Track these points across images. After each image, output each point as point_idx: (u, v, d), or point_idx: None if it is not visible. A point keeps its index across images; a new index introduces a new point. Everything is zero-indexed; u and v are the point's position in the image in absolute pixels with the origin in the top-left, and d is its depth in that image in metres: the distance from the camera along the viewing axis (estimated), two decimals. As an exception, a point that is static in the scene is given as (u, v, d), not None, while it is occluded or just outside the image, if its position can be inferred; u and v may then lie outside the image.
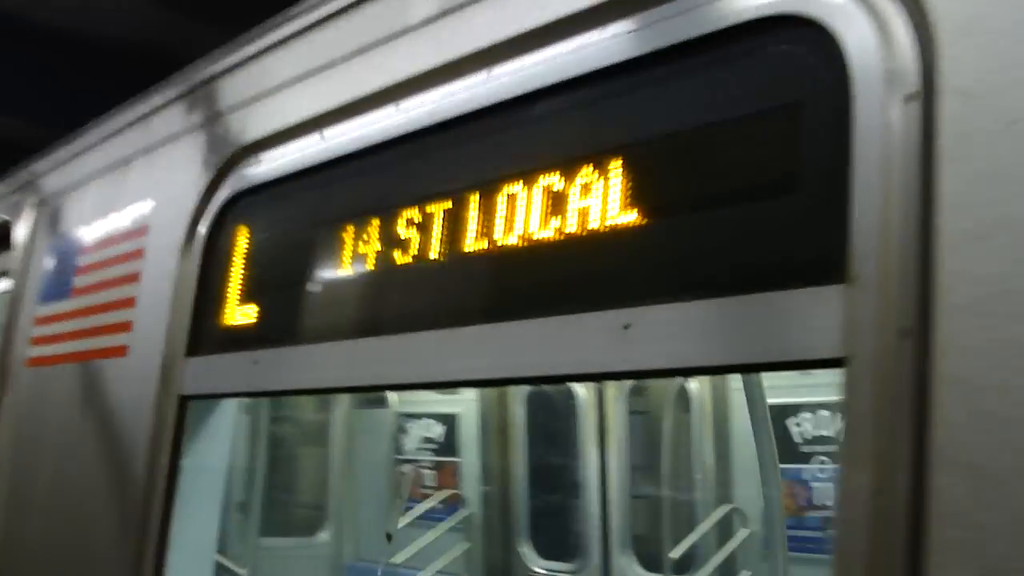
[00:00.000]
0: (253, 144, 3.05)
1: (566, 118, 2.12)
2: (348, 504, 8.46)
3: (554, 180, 2.05)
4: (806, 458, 6.42)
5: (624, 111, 2.01)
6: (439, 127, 2.44)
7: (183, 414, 3.05)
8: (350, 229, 2.61)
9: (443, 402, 8.30)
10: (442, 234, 2.32)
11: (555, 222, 2.04)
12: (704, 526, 6.52)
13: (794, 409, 6.51)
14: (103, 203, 3.77)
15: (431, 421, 8.42)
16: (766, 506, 4.67)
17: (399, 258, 2.42)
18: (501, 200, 2.16)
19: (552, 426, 7.97)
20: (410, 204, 2.44)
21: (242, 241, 3.00)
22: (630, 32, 1.99)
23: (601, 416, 7.61)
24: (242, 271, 2.95)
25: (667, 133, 1.91)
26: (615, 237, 1.95)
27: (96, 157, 3.91)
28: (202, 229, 3.16)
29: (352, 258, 2.58)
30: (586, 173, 1.99)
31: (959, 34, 1.55)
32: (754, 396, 4.76)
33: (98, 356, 3.52)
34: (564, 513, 7.80)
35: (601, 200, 1.97)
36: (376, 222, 2.54)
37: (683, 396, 6.97)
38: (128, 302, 3.40)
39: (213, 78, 3.26)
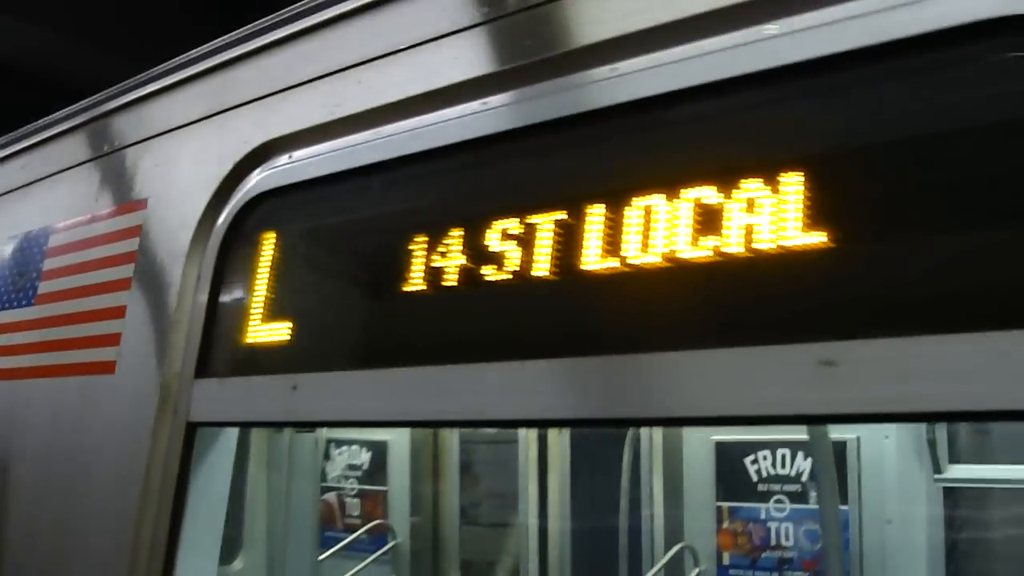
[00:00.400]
0: (283, 139, 2.69)
1: (774, 115, 1.84)
2: (267, 531, 7.98)
3: (745, 189, 1.77)
4: (764, 497, 6.25)
5: (836, 113, 1.74)
6: (548, 128, 2.13)
7: (191, 443, 2.66)
8: (420, 240, 2.28)
9: (372, 429, 7.91)
10: (559, 248, 2.01)
11: (737, 238, 1.75)
12: (657, 565, 6.29)
13: (751, 447, 6.34)
14: (77, 200, 3.34)
15: (358, 448, 8.03)
16: (826, 555, 4.47)
17: (497, 275, 2.10)
18: (659, 210, 1.87)
19: (489, 457, 7.69)
20: (508, 214, 2.12)
21: (269, 248, 2.63)
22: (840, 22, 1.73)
23: (542, 448, 7.35)
24: (272, 282, 2.58)
25: (897, 141, 1.65)
26: (817, 258, 1.67)
27: (67, 148, 3.47)
28: (216, 233, 2.78)
29: (427, 274, 2.24)
30: (788, 183, 1.71)
31: None
32: (817, 434, 4.53)
33: (73, 373, 3.09)
34: (500, 547, 7.51)
35: (798, 215, 1.69)
36: (458, 233, 2.21)
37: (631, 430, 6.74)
38: (115, 312, 2.99)
39: (233, 61, 2.89)
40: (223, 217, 2.78)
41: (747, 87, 1.82)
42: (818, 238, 1.67)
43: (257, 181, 2.73)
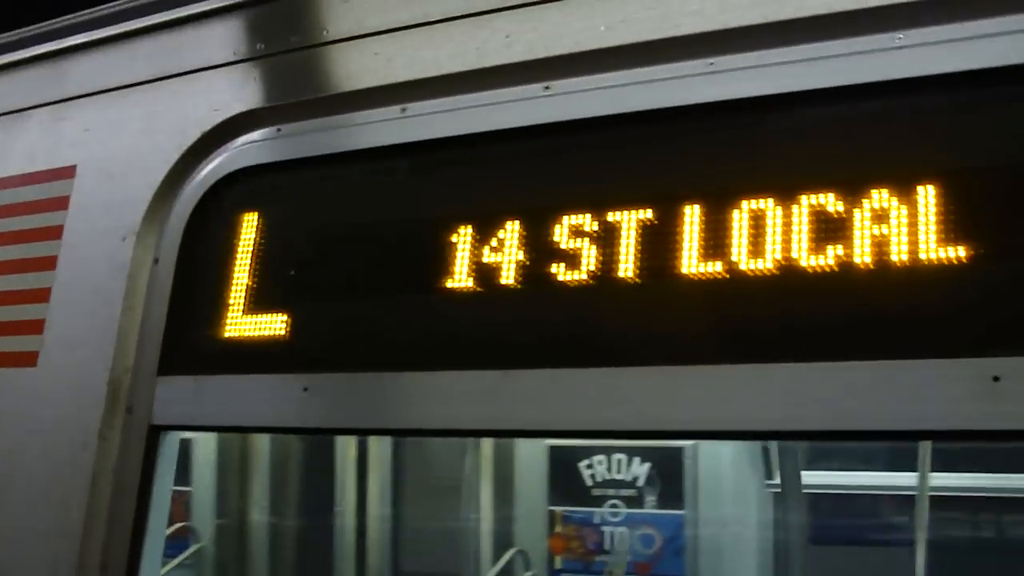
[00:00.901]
0: (269, 109, 2.41)
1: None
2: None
3: (878, 196, 1.72)
4: (599, 502, 6.29)
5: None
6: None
7: (153, 448, 2.33)
8: (463, 231, 2.09)
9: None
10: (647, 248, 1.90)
11: (899, 247, 1.69)
12: (492, 571, 6.21)
13: (586, 452, 6.37)
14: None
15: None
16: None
17: (571, 274, 1.96)
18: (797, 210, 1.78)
19: (304, 455, 7.36)
20: (582, 209, 1.98)
21: (250, 232, 2.35)
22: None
23: (362, 446, 7.12)
24: (261, 270, 2.30)
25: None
26: (983, 269, 1.63)
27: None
28: (180, 211, 2.46)
29: (475, 269, 2.05)
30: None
31: None
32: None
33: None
34: (315, 548, 7.20)
35: (968, 226, 1.64)
36: (515, 225, 2.04)
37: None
38: (36, 295, 2.59)
39: (200, 17, 2.56)
40: (188, 193, 2.46)
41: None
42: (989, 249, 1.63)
43: (234, 155, 2.43)
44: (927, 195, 1.71)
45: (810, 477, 5.63)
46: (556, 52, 2.11)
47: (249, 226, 2.35)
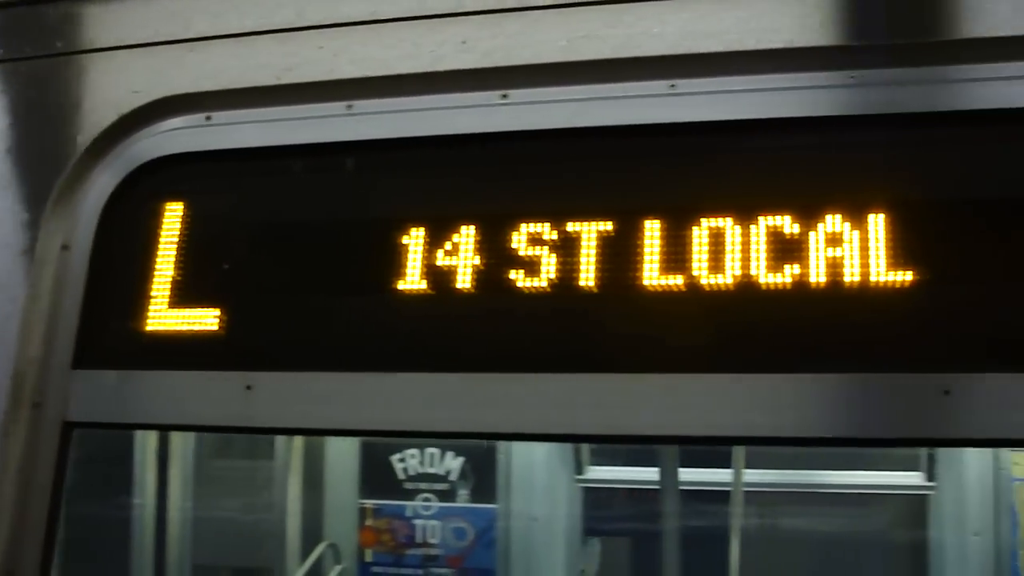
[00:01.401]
0: (198, 95, 2.32)
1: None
2: None
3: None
4: (411, 495, 6.32)
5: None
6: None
7: (67, 448, 2.21)
8: (415, 233, 2.10)
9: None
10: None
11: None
12: (304, 566, 6.12)
13: (398, 446, 6.38)
14: None
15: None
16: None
17: (520, 282, 2.02)
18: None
19: (102, 444, 6.99)
20: (535, 218, 2.04)
21: (174, 222, 2.26)
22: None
23: (163, 436, 6.84)
24: (192, 262, 2.22)
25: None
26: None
27: None
28: (94, 196, 2.33)
29: (422, 271, 2.07)
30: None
31: None
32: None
33: None
34: (110, 543, 6.87)
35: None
36: (469, 229, 2.07)
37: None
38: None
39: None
40: (104, 179, 2.34)
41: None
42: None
43: (157, 140, 2.33)
44: (878, 221, 1.86)
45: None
46: (515, 62, 2.14)
47: (174, 216, 2.26)
